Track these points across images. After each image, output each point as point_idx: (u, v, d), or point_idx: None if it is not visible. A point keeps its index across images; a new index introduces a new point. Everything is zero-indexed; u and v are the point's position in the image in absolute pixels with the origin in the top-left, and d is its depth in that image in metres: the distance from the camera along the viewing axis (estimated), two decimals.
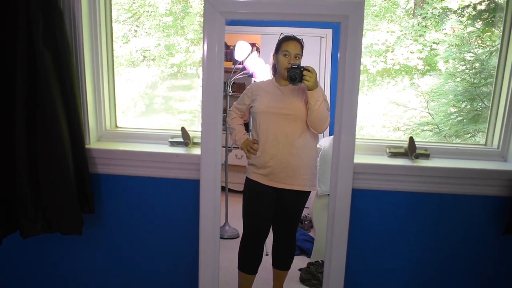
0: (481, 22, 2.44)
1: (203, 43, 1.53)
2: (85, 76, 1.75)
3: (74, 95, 1.64)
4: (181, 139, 1.80)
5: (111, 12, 1.84)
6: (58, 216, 1.68)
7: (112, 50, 1.87)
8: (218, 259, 1.67)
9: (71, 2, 1.67)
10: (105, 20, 1.82)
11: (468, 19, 2.47)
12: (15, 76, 1.54)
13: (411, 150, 1.70)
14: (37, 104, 1.57)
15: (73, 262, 1.96)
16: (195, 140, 1.82)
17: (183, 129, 1.79)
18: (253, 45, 1.74)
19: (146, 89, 3.25)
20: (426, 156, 1.74)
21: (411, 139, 1.70)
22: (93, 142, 1.85)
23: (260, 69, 1.75)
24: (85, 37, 1.72)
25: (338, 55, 1.51)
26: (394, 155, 1.74)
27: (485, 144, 1.80)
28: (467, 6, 2.46)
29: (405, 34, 2.76)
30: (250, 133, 1.75)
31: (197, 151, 1.75)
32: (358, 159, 1.66)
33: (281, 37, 1.65)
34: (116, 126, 1.96)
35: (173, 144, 1.82)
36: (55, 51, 1.57)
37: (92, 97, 1.81)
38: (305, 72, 1.57)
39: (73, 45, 1.70)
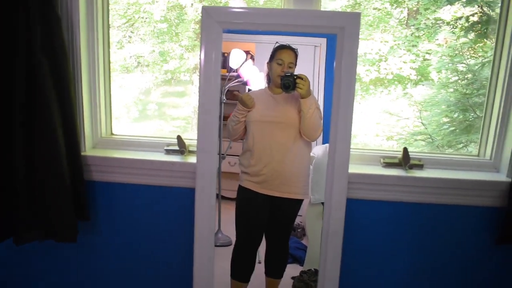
0: (473, 33, 2.46)
1: (200, 52, 1.53)
2: (81, 83, 1.75)
3: (71, 102, 1.64)
4: (176, 147, 1.81)
5: (108, 17, 1.85)
6: (53, 223, 1.67)
7: (109, 56, 1.87)
8: (212, 267, 1.67)
9: (69, 8, 1.67)
10: (103, 25, 1.82)
11: (460, 31, 2.50)
12: (13, 84, 1.54)
13: (405, 160, 1.72)
14: (34, 111, 1.57)
15: (67, 269, 1.95)
16: (191, 149, 1.82)
17: (179, 137, 1.79)
18: (247, 52, 1.74)
19: (139, 95, 3.24)
20: (420, 166, 1.75)
21: (405, 149, 1.72)
22: (89, 150, 1.85)
23: (254, 76, 1.75)
24: (82, 43, 1.72)
25: (334, 65, 1.52)
26: (388, 165, 1.76)
27: (478, 155, 1.82)
28: (460, 18, 2.48)
29: (398, 44, 2.78)
30: (244, 141, 1.74)
31: (192, 159, 1.75)
32: (353, 169, 1.68)
33: (276, 45, 1.66)
34: (112, 134, 1.96)
35: (168, 152, 1.82)
36: (53, 58, 1.57)
37: (88, 104, 1.81)
38: (298, 80, 1.58)
39: (70, 52, 1.70)
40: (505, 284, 1.79)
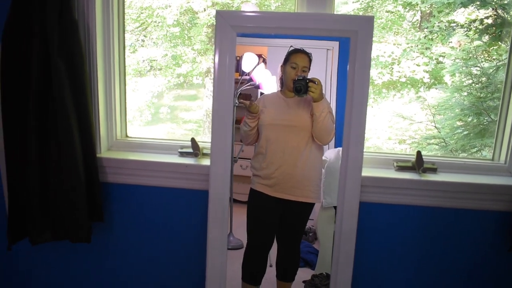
0: (487, 36, 2.45)
1: (214, 56, 1.55)
2: (97, 86, 1.77)
3: (87, 105, 1.66)
4: (190, 150, 1.82)
5: (124, 21, 1.87)
6: (68, 224, 1.69)
7: (124, 60, 1.89)
8: (225, 269, 1.68)
9: (86, 12, 1.69)
10: (118, 29, 1.84)
11: (475, 33, 2.48)
12: (30, 86, 1.56)
13: (418, 164, 1.71)
14: (50, 113, 1.60)
15: (81, 270, 1.97)
16: (204, 151, 1.83)
17: (193, 139, 1.80)
18: (259, 56, 1.74)
19: (152, 98, 3.27)
20: (434, 170, 1.74)
21: (418, 153, 1.71)
22: (104, 152, 1.86)
23: (266, 80, 1.76)
24: (98, 47, 1.74)
25: (347, 69, 1.52)
26: (401, 168, 1.75)
27: (492, 159, 1.81)
28: (474, 21, 2.47)
29: (412, 47, 2.77)
30: (256, 144, 1.75)
31: (206, 161, 1.76)
32: (366, 172, 1.67)
33: (290, 49, 1.66)
34: (127, 136, 1.97)
35: (182, 154, 1.84)
36: (70, 62, 1.59)
37: (104, 107, 1.83)
38: (310, 84, 1.58)
39: (86, 55, 1.72)
40: None
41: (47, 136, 1.61)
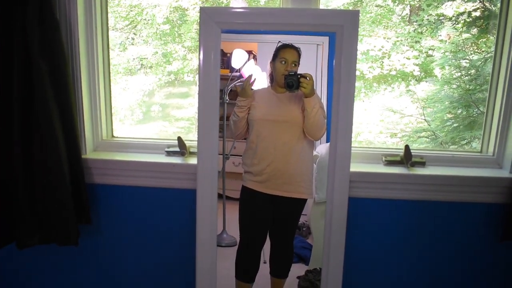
0: (476, 29, 2.45)
1: (199, 53, 1.54)
2: (81, 86, 1.75)
3: (70, 105, 1.64)
4: (177, 149, 1.81)
5: (107, 19, 1.85)
6: (54, 227, 1.68)
7: (109, 59, 1.87)
8: (215, 268, 1.67)
9: (67, 11, 1.67)
10: (101, 28, 1.82)
11: (463, 26, 2.48)
12: (11, 87, 1.54)
13: (407, 158, 1.71)
14: (33, 115, 1.58)
15: (69, 273, 1.96)
16: (192, 150, 1.82)
17: (179, 138, 1.79)
18: (250, 52, 1.73)
19: (143, 97, 3.25)
20: (422, 164, 1.74)
21: (406, 147, 1.71)
22: (90, 152, 1.85)
23: (257, 76, 1.75)
24: (81, 46, 1.72)
25: (334, 63, 1.51)
26: (390, 163, 1.75)
27: (481, 151, 1.81)
28: (462, 13, 2.47)
29: (401, 40, 2.77)
30: (247, 140, 1.74)
31: (193, 160, 1.75)
32: (354, 167, 1.67)
33: (278, 44, 1.65)
34: (113, 136, 1.96)
35: (169, 153, 1.83)
36: (51, 61, 1.57)
37: (88, 107, 1.82)
38: (302, 79, 1.57)
39: (69, 55, 1.70)
40: (509, 280, 1.78)
41: (30, 139, 1.60)
